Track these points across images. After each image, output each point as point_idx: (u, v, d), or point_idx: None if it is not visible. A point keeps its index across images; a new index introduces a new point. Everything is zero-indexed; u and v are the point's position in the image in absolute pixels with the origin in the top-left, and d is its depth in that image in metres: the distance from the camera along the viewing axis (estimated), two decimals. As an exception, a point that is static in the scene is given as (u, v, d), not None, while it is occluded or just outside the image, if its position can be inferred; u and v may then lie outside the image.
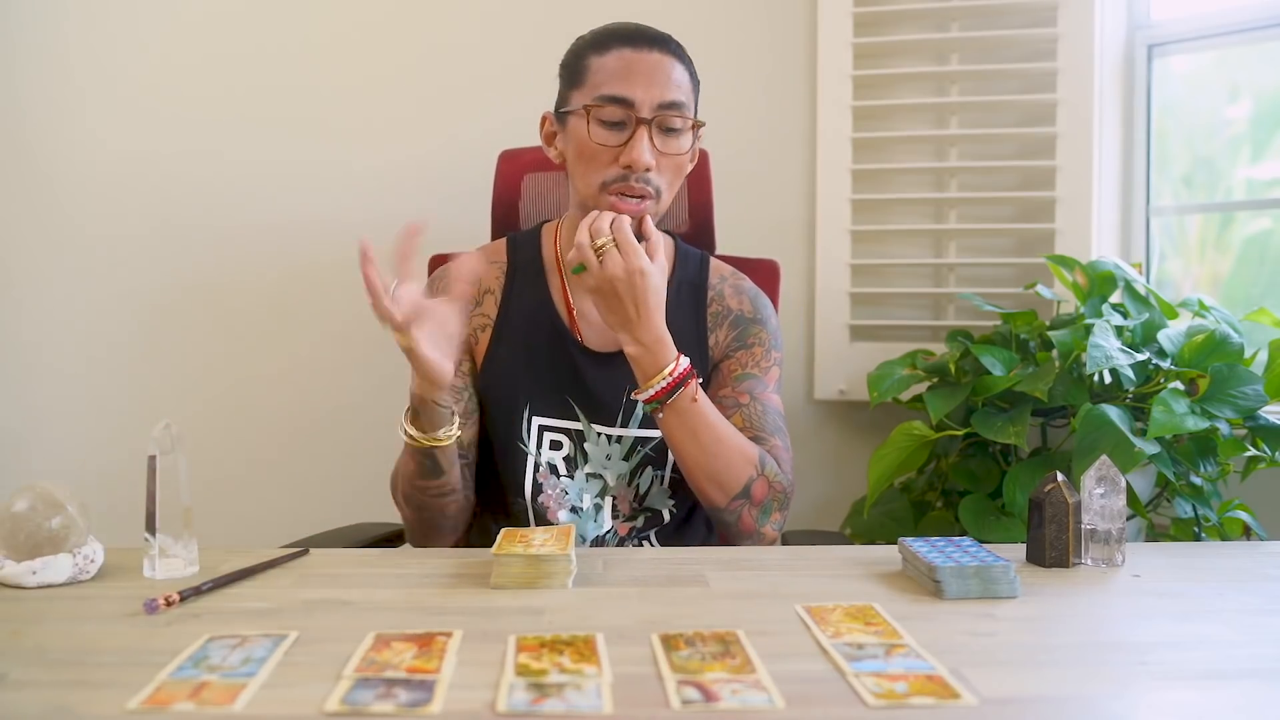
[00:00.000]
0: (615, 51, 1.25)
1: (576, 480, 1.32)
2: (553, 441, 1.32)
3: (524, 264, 1.38)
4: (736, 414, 1.30)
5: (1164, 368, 1.63)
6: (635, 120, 1.22)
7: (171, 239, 2.10)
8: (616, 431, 1.32)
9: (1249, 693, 0.73)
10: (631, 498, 1.33)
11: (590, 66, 1.26)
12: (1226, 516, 1.64)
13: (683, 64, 1.27)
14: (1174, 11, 2.01)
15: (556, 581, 0.97)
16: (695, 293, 1.37)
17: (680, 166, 1.28)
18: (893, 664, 0.76)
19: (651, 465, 1.33)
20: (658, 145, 1.24)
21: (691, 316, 1.36)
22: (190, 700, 0.70)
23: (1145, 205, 2.03)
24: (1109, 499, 1.05)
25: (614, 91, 1.22)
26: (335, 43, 2.09)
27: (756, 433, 1.29)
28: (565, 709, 0.68)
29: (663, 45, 1.26)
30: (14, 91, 2.09)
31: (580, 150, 1.26)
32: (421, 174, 2.08)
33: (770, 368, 1.35)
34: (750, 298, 1.39)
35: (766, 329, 1.37)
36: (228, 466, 2.10)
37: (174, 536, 1.01)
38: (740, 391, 1.32)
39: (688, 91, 1.27)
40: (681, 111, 1.25)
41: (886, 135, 2.03)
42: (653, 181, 1.24)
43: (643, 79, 1.22)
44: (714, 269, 1.40)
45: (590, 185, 1.25)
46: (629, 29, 1.27)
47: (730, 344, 1.35)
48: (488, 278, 1.37)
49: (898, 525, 1.76)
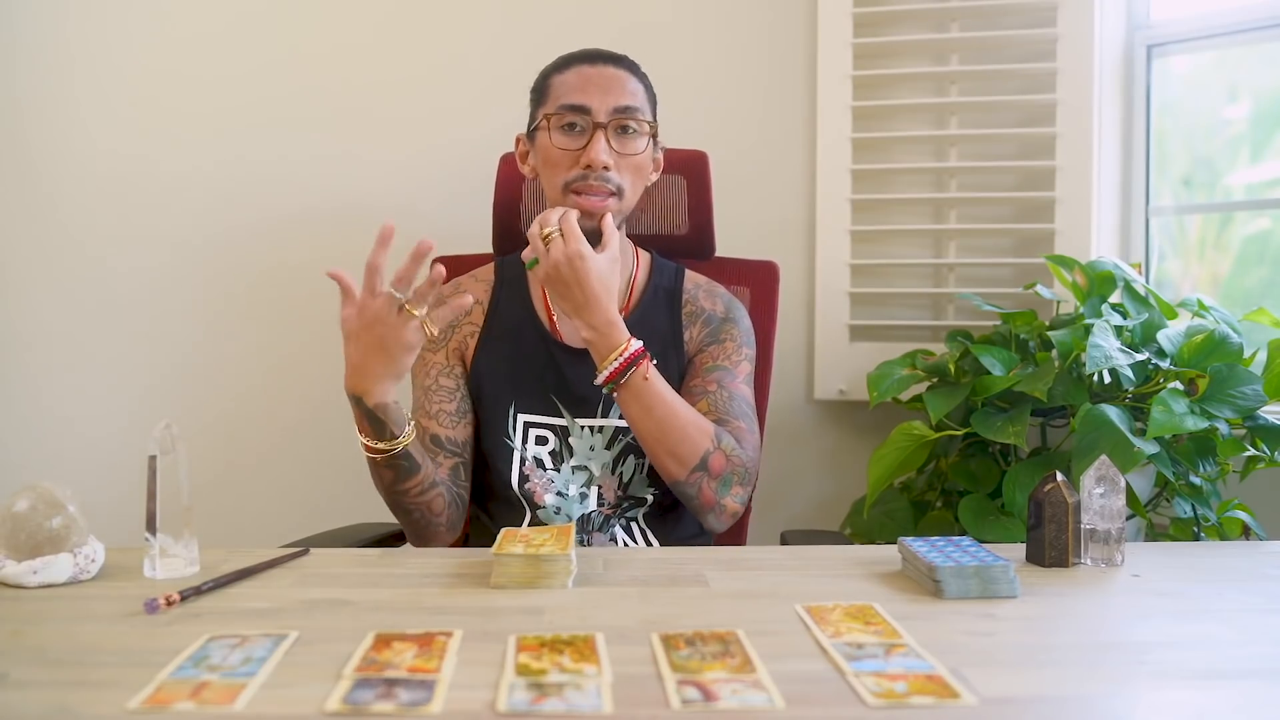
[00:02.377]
0: (574, 69, 1.36)
1: (563, 473, 1.39)
2: (538, 437, 1.39)
3: (510, 279, 1.48)
4: (703, 400, 1.37)
5: (1163, 368, 1.63)
6: (593, 125, 1.32)
7: (171, 239, 2.10)
8: (598, 422, 1.39)
9: (1248, 692, 0.73)
10: (615, 486, 1.39)
11: (552, 85, 1.37)
12: (1226, 516, 1.64)
13: (637, 78, 1.38)
14: (1174, 12, 2.01)
15: (556, 581, 0.97)
16: (670, 297, 1.45)
17: (639, 167, 1.36)
18: (892, 664, 0.76)
19: (633, 454, 1.39)
20: (615, 146, 1.33)
21: (667, 317, 1.44)
22: (190, 700, 0.70)
23: (1145, 205, 2.03)
24: (1109, 499, 1.05)
25: (572, 100, 1.33)
26: (337, 45, 2.09)
27: (721, 416, 1.35)
28: (565, 709, 0.68)
29: (617, 62, 1.37)
30: (12, 91, 2.08)
31: (545, 157, 1.36)
32: (423, 176, 2.08)
33: (740, 362, 1.42)
34: (724, 302, 1.47)
35: (739, 328, 1.44)
36: (228, 466, 2.10)
37: (174, 536, 1.01)
38: (709, 381, 1.39)
39: (643, 101, 1.37)
40: (635, 115, 1.34)
41: (886, 135, 2.03)
42: (612, 180, 1.32)
43: (598, 89, 1.33)
44: (689, 278, 1.49)
45: (555, 188, 1.34)
46: (588, 51, 1.38)
47: (703, 339, 1.43)
48: (477, 292, 1.46)
49: (897, 525, 1.76)
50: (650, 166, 1.40)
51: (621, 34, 1.98)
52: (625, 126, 1.33)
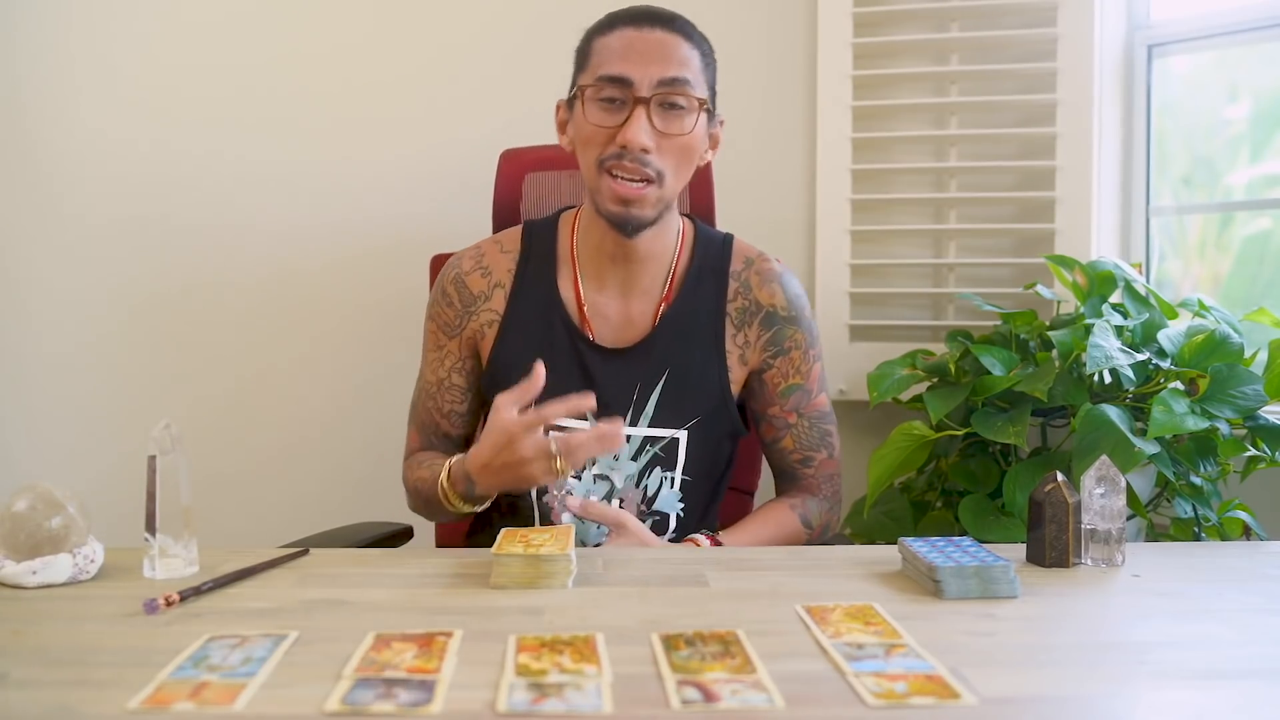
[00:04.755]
0: (618, 31, 1.23)
1: (584, 481, 1.31)
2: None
3: (538, 253, 1.35)
4: (787, 435, 1.35)
5: (1164, 368, 1.63)
6: (633, 99, 1.19)
7: (172, 238, 2.10)
8: (625, 430, 1.28)
9: (1248, 692, 0.73)
10: (639, 500, 1.31)
11: (595, 48, 1.24)
12: (1226, 516, 1.64)
13: (691, 42, 1.24)
14: (1174, 11, 2.01)
15: (556, 581, 0.97)
16: (717, 279, 1.34)
17: (685, 148, 1.23)
18: (892, 664, 0.76)
19: (660, 466, 1.31)
20: (658, 125, 1.20)
21: (711, 303, 1.33)
22: (190, 700, 0.70)
23: (1145, 205, 2.03)
24: (1109, 499, 1.05)
25: (612, 70, 1.20)
26: (337, 43, 2.08)
27: (805, 453, 1.35)
28: (565, 709, 0.68)
29: (667, 24, 1.23)
30: (13, 88, 2.08)
31: (579, 132, 1.24)
32: (422, 173, 2.08)
33: (812, 368, 1.36)
34: (783, 290, 1.35)
35: (800, 327, 1.35)
36: (228, 466, 2.10)
37: (174, 536, 1.01)
38: (788, 411, 1.35)
39: (695, 70, 1.22)
40: (684, 89, 1.20)
41: (886, 135, 2.03)
42: (652, 164, 1.20)
43: (642, 56, 1.19)
44: (737, 252, 1.37)
45: (589, 166, 1.23)
46: (636, 9, 1.25)
47: (765, 347, 1.34)
48: (498, 270, 1.35)
49: (898, 525, 1.76)
50: (701, 146, 1.26)
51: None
52: (671, 102, 1.20)
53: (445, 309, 1.37)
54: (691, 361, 1.31)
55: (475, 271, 1.37)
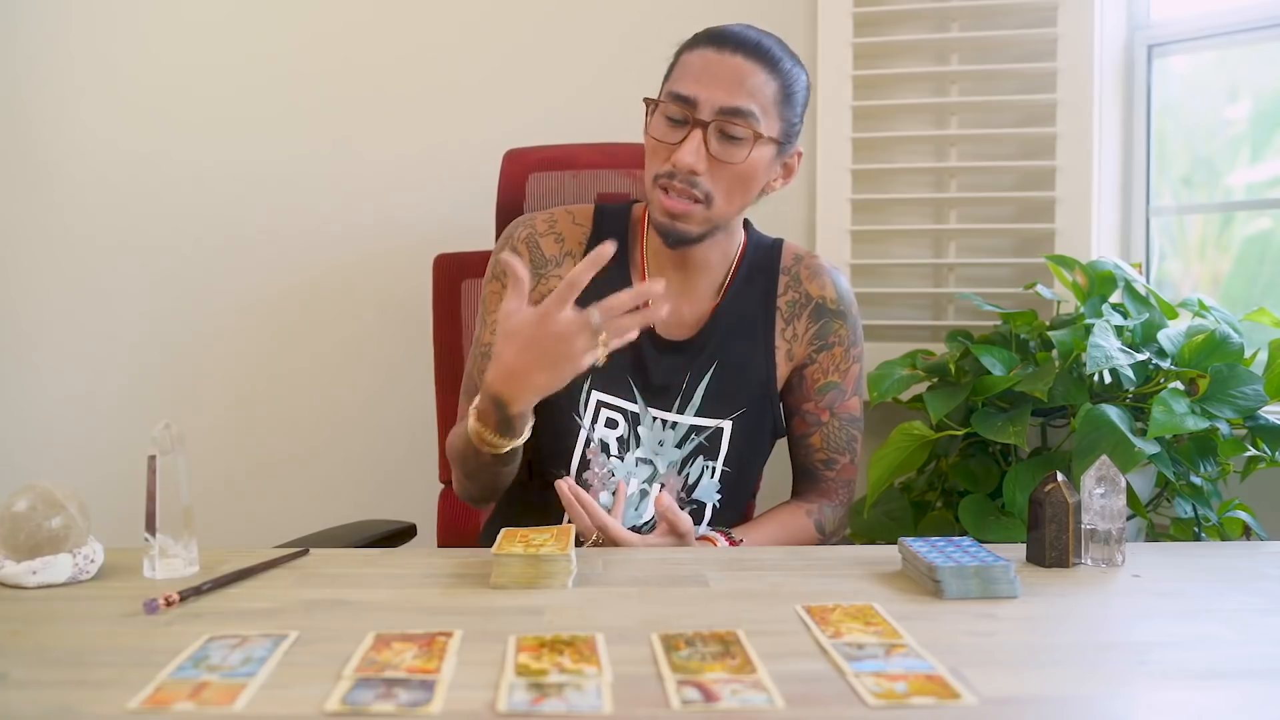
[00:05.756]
0: (699, 50, 1.24)
1: (626, 463, 1.30)
2: (608, 419, 1.30)
3: (611, 234, 1.30)
4: (816, 433, 1.37)
5: (1164, 368, 1.63)
6: (694, 121, 1.21)
7: (172, 239, 2.10)
8: (672, 417, 1.31)
9: (1248, 692, 0.73)
10: (680, 487, 1.32)
11: (679, 61, 1.26)
12: (1226, 516, 1.64)
13: (771, 72, 1.24)
14: (1174, 11, 2.01)
15: (556, 581, 0.97)
16: (766, 276, 1.36)
17: (740, 176, 1.23)
18: (893, 664, 0.76)
19: (703, 455, 1.32)
20: (714, 151, 1.21)
21: (760, 299, 1.35)
22: (190, 700, 0.70)
23: (1145, 205, 2.03)
24: (1109, 499, 1.05)
25: (681, 89, 1.22)
26: (340, 43, 2.08)
27: (830, 454, 1.37)
28: (565, 709, 0.68)
29: (750, 51, 1.23)
30: (14, 87, 2.08)
31: (646, 141, 1.27)
32: (426, 173, 2.08)
33: (850, 366, 1.38)
34: (832, 279, 1.38)
35: (846, 323, 1.38)
36: (228, 466, 2.10)
37: (174, 536, 1.01)
38: (821, 408, 1.37)
39: (766, 101, 1.22)
40: (745, 121, 1.21)
41: (886, 135, 2.03)
42: (701, 185, 1.22)
43: (712, 79, 1.21)
44: (786, 251, 1.39)
45: (647, 176, 1.26)
46: (721, 30, 1.26)
47: (811, 340, 1.36)
48: (570, 239, 1.34)
49: (898, 525, 1.76)
50: (762, 175, 1.26)
51: (620, 34, 1.98)
52: (730, 134, 1.21)
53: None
54: (741, 355, 1.34)
55: (550, 235, 1.35)
